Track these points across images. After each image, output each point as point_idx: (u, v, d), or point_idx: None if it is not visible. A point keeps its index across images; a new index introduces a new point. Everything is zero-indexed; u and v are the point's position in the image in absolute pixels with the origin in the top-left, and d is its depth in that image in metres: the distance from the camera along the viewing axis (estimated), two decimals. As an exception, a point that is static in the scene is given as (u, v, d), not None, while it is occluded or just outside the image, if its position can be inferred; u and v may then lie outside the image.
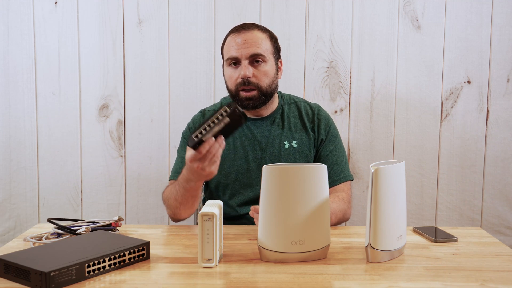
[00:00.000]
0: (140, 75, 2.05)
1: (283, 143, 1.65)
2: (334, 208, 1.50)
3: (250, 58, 1.57)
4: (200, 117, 1.72)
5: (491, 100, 2.05)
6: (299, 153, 1.64)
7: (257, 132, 1.66)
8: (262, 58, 1.57)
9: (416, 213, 2.10)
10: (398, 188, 1.19)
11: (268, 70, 1.59)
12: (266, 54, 1.59)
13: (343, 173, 1.65)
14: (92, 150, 2.07)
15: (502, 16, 2.02)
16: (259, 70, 1.58)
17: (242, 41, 1.57)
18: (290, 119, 1.68)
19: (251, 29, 1.60)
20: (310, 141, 1.66)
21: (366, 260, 1.17)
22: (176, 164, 1.68)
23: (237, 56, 1.57)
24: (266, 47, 1.59)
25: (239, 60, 1.57)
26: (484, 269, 1.14)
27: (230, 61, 1.59)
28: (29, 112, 2.05)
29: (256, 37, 1.59)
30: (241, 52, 1.56)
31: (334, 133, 1.69)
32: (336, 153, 1.67)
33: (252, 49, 1.56)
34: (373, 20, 2.03)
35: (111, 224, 1.39)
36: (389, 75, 2.05)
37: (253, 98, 1.58)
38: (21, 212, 2.09)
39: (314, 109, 1.71)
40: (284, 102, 1.72)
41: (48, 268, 0.99)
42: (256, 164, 1.64)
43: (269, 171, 1.14)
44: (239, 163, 1.64)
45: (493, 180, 2.08)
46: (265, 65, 1.59)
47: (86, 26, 2.03)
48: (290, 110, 1.70)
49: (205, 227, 1.12)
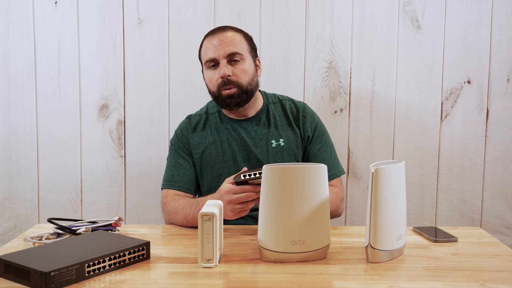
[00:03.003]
0: (140, 75, 2.05)
1: (270, 142, 1.66)
2: None
3: (228, 57, 1.60)
4: (187, 123, 1.73)
5: (491, 100, 2.05)
6: (287, 151, 1.66)
7: (244, 132, 1.67)
8: (239, 56, 1.61)
9: (416, 213, 2.10)
10: (398, 188, 1.19)
11: (246, 68, 1.62)
12: (243, 52, 1.62)
13: (333, 170, 1.68)
14: (92, 150, 2.07)
15: (502, 16, 2.02)
16: (237, 68, 1.61)
17: (218, 42, 1.60)
18: (276, 118, 1.70)
19: (225, 30, 1.64)
20: (297, 139, 1.68)
21: (366, 260, 1.17)
22: (167, 172, 1.69)
23: (214, 57, 1.60)
24: (242, 46, 1.63)
25: (217, 61, 1.60)
26: (484, 269, 1.14)
27: (208, 63, 1.62)
28: (29, 112, 2.05)
29: (231, 37, 1.62)
30: (218, 52, 1.59)
31: (321, 130, 1.72)
32: (325, 150, 1.69)
33: (228, 48, 1.59)
34: (373, 20, 2.03)
35: (111, 224, 1.39)
36: (389, 75, 2.05)
37: (234, 96, 1.60)
38: (21, 212, 2.09)
39: (299, 107, 1.73)
40: (269, 102, 1.74)
41: (48, 268, 0.99)
42: (245, 164, 1.65)
43: (269, 171, 1.14)
44: (228, 165, 1.66)
45: (493, 180, 2.08)
46: (243, 63, 1.62)
47: (86, 26, 2.03)
48: (275, 109, 1.72)
49: (205, 227, 1.12)
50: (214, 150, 1.67)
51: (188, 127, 1.72)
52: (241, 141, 1.67)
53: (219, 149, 1.67)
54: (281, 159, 1.66)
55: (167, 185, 1.66)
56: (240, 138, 1.67)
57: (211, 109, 1.75)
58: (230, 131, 1.68)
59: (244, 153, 1.66)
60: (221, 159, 1.66)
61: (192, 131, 1.71)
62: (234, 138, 1.67)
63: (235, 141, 1.67)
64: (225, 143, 1.67)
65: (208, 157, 1.67)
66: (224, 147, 1.67)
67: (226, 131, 1.68)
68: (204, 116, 1.73)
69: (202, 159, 1.68)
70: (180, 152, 1.69)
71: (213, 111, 1.73)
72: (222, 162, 1.66)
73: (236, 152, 1.66)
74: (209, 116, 1.73)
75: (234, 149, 1.67)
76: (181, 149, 1.69)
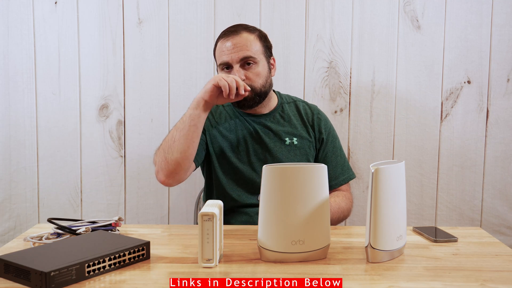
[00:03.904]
0: (140, 75, 2.05)
1: (284, 139, 1.67)
2: (343, 207, 1.61)
3: (241, 61, 1.59)
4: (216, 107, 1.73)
5: (491, 100, 2.05)
6: (300, 150, 1.67)
7: (259, 127, 1.68)
8: (252, 60, 1.60)
9: (416, 213, 2.10)
10: (398, 188, 1.19)
11: (260, 71, 1.62)
12: (257, 55, 1.61)
13: (347, 173, 1.71)
14: (92, 150, 2.07)
15: (502, 16, 2.02)
16: (251, 71, 1.60)
17: (231, 46, 1.59)
18: (290, 117, 1.71)
19: (240, 32, 1.62)
20: (310, 140, 1.69)
21: (366, 260, 1.17)
22: None
23: (228, 61, 1.60)
24: (256, 48, 1.62)
25: (230, 65, 1.60)
26: (484, 269, 1.14)
27: (222, 66, 1.62)
28: (29, 112, 2.05)
29: (245, 39, 1.61)
30: (231, 56, 1.59)
31: (334, 134, 1.74)
32: (339, 154, 1.72)
33: (242, 52, 1.59)
34: (373, 20, 2.03)
35: (111, 224, 1.39)
36: (389, 75, 2.05)
37: (247, 99, 1.61)
38: (21, 212, 2.09)
39: (313, 109, 1.75)
40: (284, 101, 1.74)
41: (48, 268, 0.99)
42: (256, 157, 1.66)
43: (269, 171, 1.14)
44: (240, 156, 1.66)
45: (493, 180, 2.08)
46: (256, 66, 1.61)
47: (86, 26, 2.03)
48: (290, 109, 1.73)
49: (205, 227, 1.12)
50: (228, 143, 1.67)
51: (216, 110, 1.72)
52: (255, 134, 1.67)
53: (233, 141, 1.67)
54: (294, 157, 1.66)
55: None
56: (254, 131, 1.67)
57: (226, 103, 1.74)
58: (245, 124, 1.69)
59: (257, 146, 1.67)
60: (235, 149, 1.67)
61: (214, 111, 1.72)
62: (249, 130, 1.68)
63: (249, 134, 1.67)
64: (240, 136, 1.68)
65: (222, 144, 1.67)
66: (239, 137, 1.67)
67: (241, 123, 1.69)
68: (220, 107, 1.73)
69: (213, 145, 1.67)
70: None
71: (229, 103, 1.73)
72: (235, 153, 1.66)
73: (249, 146, 1.67)
74: (226, 107, 1.73)
75: (247, 141, 1.67)
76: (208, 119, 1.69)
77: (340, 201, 1.60)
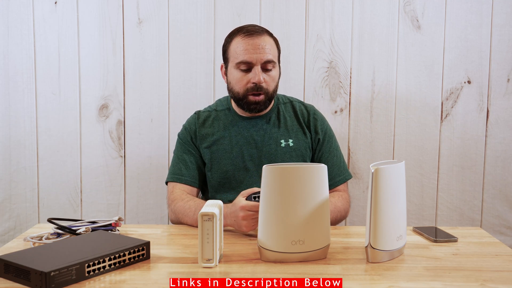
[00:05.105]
0: (140, 75, 2.05)
1: (280, 142, 1.66)
2: (340, 207, 1.59)
3: (263, 64, 1.58)
4: (195, 118, 1.72)
5: (491, 100, 2.05)
6: (295, 152, 1.66)
7: (253, 130, 1.67)
8: (272, 64, 1.60)
9: (416, 213, 2.10)
10: (398, 188, 1.19)
11: (275, 76, 1.63)
12: (275, 60, 1.62)
13: (343, 174, 1.69)
14: (92, 150, 2.07)
15: (502, 16, 2.02)
16: (269, 75, 1.61)
17: (255, 46, 1.58)
18: (286, 118, 1.70)
19: (262, 34, 1.61)
20: (306, 141, 1.68)
21: (366, 260, 1.17)
22: (173, 165, 1.68)
23: (251, 61, 1.57)
24: (275, 53, 1.63)
25: (251, 65, 1.58)
26: (484, 269, 1.14)
27: (241, 64, 1.59)
28: (29, 112, 2.05)
29: (268, 42, 1.60)
30: (255, 57, 1.57)
31: (330, 134, 1.73)
32: (335, 154, 1.70)
33: (266, 55, 1.58)
34: (373, 20, 2.03)
35: (111, 224, 1.39)
36: (389, 75, 2.05)
37: (260, 103, 1.61)
38: (21, 212, 2.09)
39: (309, 109, 1.74)
40: (280, 102, 1.74)
41: (48, 268, 0.99)
42: (252, 162, 1.65)
43: (269, 171, 1.14)
44: (236, 162, 1.65)
45: (493, 180, 2.08)
46: (274, 70, 1.62)
47: (86, 26, 2.03)
48: (286, 110, 1.72)
49: (205, 227, 1.12)
50: (222, 147, 1.66)
51: (196, 122, 1.71)
52: (250, 138, 1.66)
53: (227, 145, 1.66)
54: (289, 159, 1.65)
55: (173, 178, 1.65)
56: (249, 136, 1.67)
57: (220, 106, 1.74)
58: (239, 129, 1.68)
59: (252, 150, 1.66)
60: (229, 155, 1.66)
61: (201, 125, 1.70)
62: (243, 135, 1.67)
63: (244, 139, 1.66)
64: (233, 140, 1.67)
65: (216, 152, 1.66)
66: (232, 144, 1.66)
67: (236, 128, 1.68)
68: (213, 113, 1.72)
69: (210, 154, 1.67)
70: (187, 146, 1.69)
71: (223, 108, 1.73)
72: (230, 159, 1.66)
73: (244, 150, 1.66)
74: (218, 113, 1.72)
75: (242, 147, 1.66)
76: (188, 143, 1.69)
77: (336, 201, 1.58)
